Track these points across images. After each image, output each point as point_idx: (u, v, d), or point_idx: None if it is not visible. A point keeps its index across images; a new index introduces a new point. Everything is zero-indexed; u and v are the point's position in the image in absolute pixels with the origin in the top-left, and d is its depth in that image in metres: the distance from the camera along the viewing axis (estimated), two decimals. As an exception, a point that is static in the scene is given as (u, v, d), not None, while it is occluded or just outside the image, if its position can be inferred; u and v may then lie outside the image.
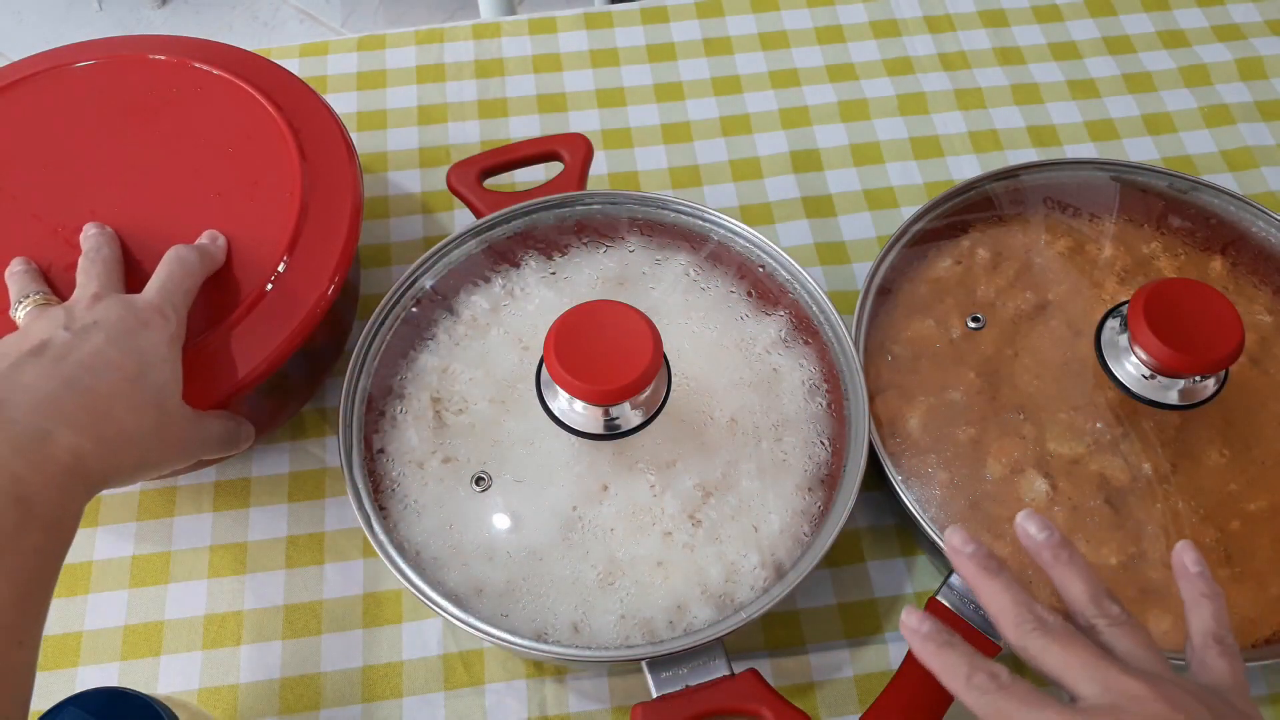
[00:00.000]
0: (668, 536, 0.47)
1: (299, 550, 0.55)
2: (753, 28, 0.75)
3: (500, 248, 0.56)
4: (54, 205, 0.53)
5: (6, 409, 0.39)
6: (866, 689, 0.51)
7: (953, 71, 0.73)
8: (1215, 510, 0.49)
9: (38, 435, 0.39)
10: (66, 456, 0.39)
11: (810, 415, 0.51)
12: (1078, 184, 0.60)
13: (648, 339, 0.44)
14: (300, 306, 0.50)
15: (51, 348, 0.42)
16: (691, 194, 0.67)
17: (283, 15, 1.77)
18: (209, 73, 0.57)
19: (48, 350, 0.42)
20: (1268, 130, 0.70)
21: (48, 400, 0.40)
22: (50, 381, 0.41)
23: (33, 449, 0.39)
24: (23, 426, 0.39)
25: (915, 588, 0.54)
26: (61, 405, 0.40)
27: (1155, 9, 0.77)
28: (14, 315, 0.48)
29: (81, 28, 1.74)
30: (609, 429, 0.47)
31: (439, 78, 0.72)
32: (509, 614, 0.46)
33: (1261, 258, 0.57)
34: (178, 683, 0.51)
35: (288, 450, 0.58)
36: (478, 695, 0.51)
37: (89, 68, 0.58)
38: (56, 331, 0.43)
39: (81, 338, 0.43)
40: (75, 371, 0.41)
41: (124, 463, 0.42)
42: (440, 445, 0.50)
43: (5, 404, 0.39)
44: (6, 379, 0.41)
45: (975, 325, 0.54)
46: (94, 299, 0.45)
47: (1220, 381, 0.50)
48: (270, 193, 0.53)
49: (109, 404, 0.42)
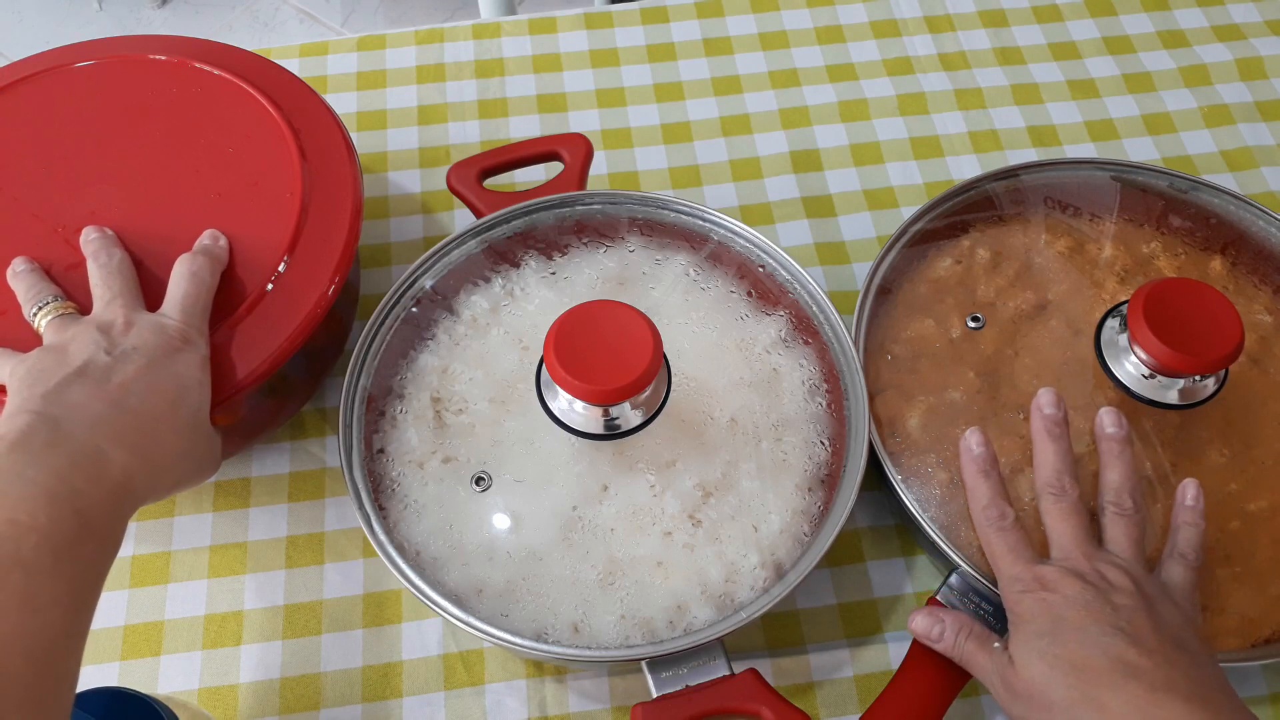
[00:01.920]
0: (668, 536, 0.47)
1: (299, 550, 0.55)
2: (753, 28, 0.75)
3: (500, 248, 0.56)
4: (54, 205, 0.53)
5: (64, 425, 0.41)
6: (866, 689, 0.51)
7: (953, 71, 0.73)
8: (1215, 510, 0.49)
9: (94, 453, 0.40)
10: (119, 474, 0.41)
11: (810, 415, 0.51)
12: (1078, 184, 0.60)
13: (648, 339, 0.44)
14: (300, 306, 0.50)
15: (94, 369, 0.43)
16: (691, 194, 0.67)
17: (283, 15, 1.77)
18: (209, 73, 0.57)
19: (91, 372, 0.43)
20: (1268, 130, 0.70)
21: (100, 420, 0.42)
22: (98, 403, 0.42)
23: (89, 465, 0.40)
24: (80, 443, 0.40)
25: (915, 587, 0.54)
26: (113, 426, 0.42)
27: (1155, 9, 0.77)
28: (32, 318, 0.48)
29: (81, 28, 1.74)
30: (609, 429, 0.47)
31: (439, 78, 0.72)
32: (509, 614, 0.46)
33: (1261, 258, 0.57)
34: (178, 683, 0.51)
35: (288, 450, 0.58)
36: (478, 695, 0.51)
37: (89, 68, 0.58)
38: (98, 354, 0.44)
39: (122, 361, 0.44)
40: (120, 394, 0.43)
41: (164, 481, 0.44)
42: (440, 445, 0.50)
43: (61, 420, 0.41)
44: (56, 397, 0.42)
45: (975, 325, 0.54)
46: (127, 324, 0.46)
47: (1220, 381, 0.50)
48: (270, 193, 0.53)
49: (154, 426, 0.43)
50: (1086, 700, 0.40)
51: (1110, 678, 0.40)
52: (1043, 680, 0.41)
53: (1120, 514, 0.47)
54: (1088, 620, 0.42)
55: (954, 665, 0.46)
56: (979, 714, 0.51)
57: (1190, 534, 0.47)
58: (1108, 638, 0.41)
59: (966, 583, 0.48)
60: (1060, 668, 0.41)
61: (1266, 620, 0.48)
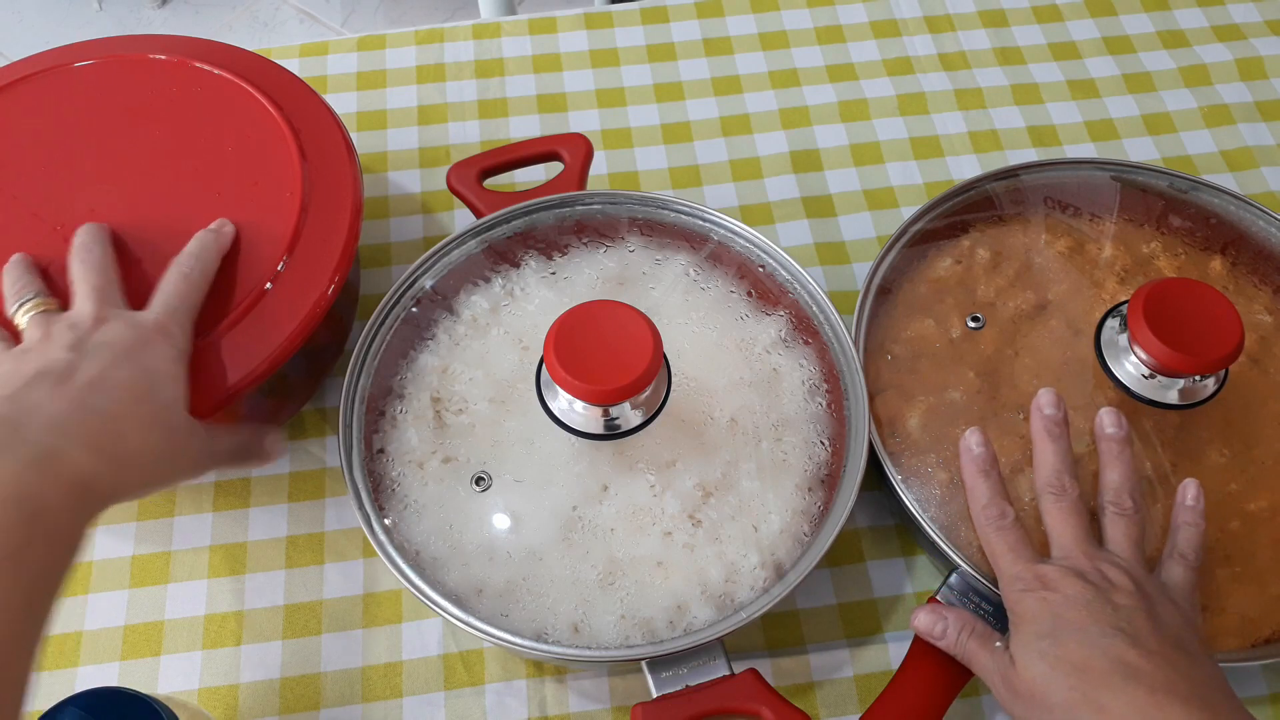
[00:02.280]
0: (668, 536, 0.47)
1: (299, 550, 0.55)
2: (753, 28, 0.75)
3: (500, 248, 0.56)
4: (54, 205, 0.53)
5: (21, 430, 0.40)
6: (866, 689, 0.51)
7: (953, 71, 0.73)
8: (1215, 510, 0.49)
9: (50, 453, 0.40)
10: (76, 474, 0.40)
11: (810, 415, 0.51)
12: (1078, 184, 0.60)
13: (648, 339, 0.44)
14: (300, 306, 0.50)
15: (58, 367, 0.43)
16: (691, 194, 0.67)
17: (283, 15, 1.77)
18: (209, 73, 0.57)
19: (54, 370, 0.43)
20: (1268, 130, 0.70)
21: (59, 420, 0.41)
22: (61, 402, 0.42)
23: (44, 467, 0.39)
24: (35, 446, 0.40)
25: (915, 587, 0.54)
26: (73, 425, 0.41)
27: (1155, 9, 0.77)
28: (12, 315, 0.48)
29: (81, 28, 1.74)
30: (609, 429, 0.47)
31: (439, 78, 0.72)
32: (509, 614, 0.46)
33: (1261, 258, 0.57)
34: (178, 683, 0.51)
35: (288, 450, 0.58)
36: (478, 695, 0.51)
37: (89, 68, 0.58)
38: (63, 352, 0.43)
39: (89, 358, 0.44)
40: (84, 393, 0.42)
41: (131, 480, 0.43)
42: (440, 445, 0.50)
43: (19, 425, 0.40)
44: (17, 400, 0.41)
45: (975, 325, 0.54)
46: (98, 321, 0.45)
47: (1220, 381, 0.50)
48: (270, 193, 0.53)
49: (118, 424, 0.42)
50: (1087, 702, 0.40)
51: (1110, 679, 0.40)
52: (1044, 681, 0.41)
53: (1120, 514, 0.47)
54: (1088, 620, 0.42)
55: (954, 665, 0.46)
56: (979, 714, 0.51)
57: (1190, 534, 0.47)
58: (1108, 638, 0.41)
59: (966, 583, 0.48)
60: (1061, 669, 0.41)
61: (1266, 620, 0.48)
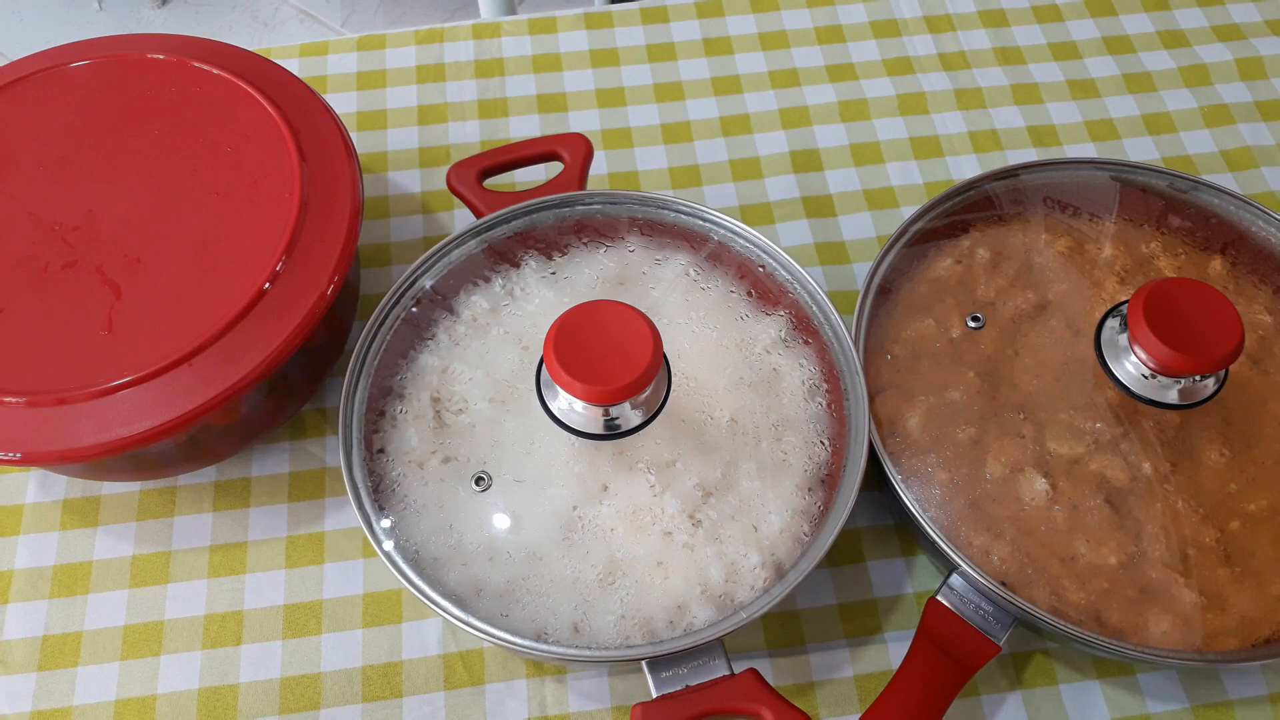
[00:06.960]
0: (668, 536, 0.47)
1: (299, 550, 0.55)
2: (753, 28, 0.75)
3: (500, 248, 0.56)
4: (53, 205, 0.53)
5: None
6: (866, 689, 0.51)
7: (953, 71, 0.73)
8: (1215, 510, 0.49)
9: None
10: None
11: (810, 415, 0.51)
12: (1078, 184, 0.60)
13: (648, 339, 0.44)
14: (300, 306, 0.50)
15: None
16: (691, 194, 0.67)
17: (283, 15, 1.77)
18: (209, 73, 0.57)
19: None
20: (1268, 130, 0.70)
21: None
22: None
23: None
24: None
25: (915, 588, 0.54)
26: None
27: (1155, 9, 0.77)
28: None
29: (81, 28, 1.74)
30: (609, 429, 0.47)
31: (439, 78, 0.72)
32: (509, 614, 0.46)
33: (1261, 258, 0.57)
34: (177, 683, 0.51)
35: (288, 450, 0.58)
36: (478, 695, 0.51)
37: (89, 67, 0.58)
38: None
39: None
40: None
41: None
42: (440, 445, 0.50)
43: None
44: None
45: (975, 325, 0.54)
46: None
47: (1220, 381, 0.50)
48: (270, 193, 0.53)
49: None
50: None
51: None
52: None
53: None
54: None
55: (954, 665, 0.46)
56: (979, 714, 0.51)
57: None
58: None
59: (966, 583, 0.48)
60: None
61: (1266, 620, 0.48)
